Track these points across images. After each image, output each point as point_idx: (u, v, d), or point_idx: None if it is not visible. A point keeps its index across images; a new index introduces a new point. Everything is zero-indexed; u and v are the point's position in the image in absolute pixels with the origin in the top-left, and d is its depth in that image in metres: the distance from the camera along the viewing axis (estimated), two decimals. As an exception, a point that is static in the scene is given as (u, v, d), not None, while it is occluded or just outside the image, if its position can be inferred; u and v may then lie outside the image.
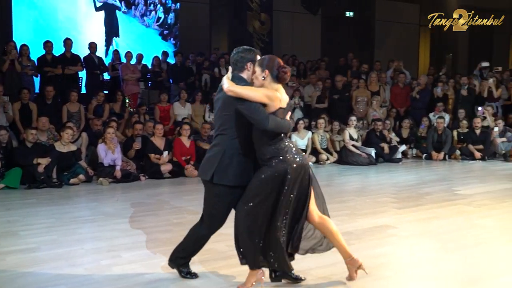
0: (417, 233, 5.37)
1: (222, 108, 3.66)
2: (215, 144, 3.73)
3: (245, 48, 3.73)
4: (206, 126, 9.80)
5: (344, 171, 9.78)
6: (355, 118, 10.97)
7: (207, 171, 3.68)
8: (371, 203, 6.83)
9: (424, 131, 11.92)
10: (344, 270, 3.96)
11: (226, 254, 4.59)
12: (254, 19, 15.03)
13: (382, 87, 12.88)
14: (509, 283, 4.02)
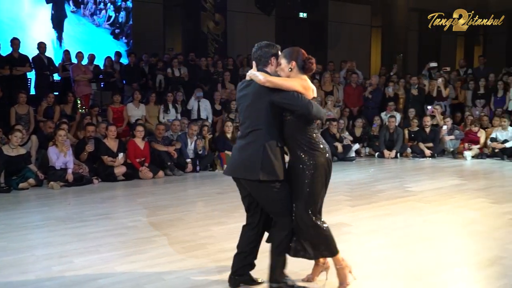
0: (371, 230, 5.47)
1: (253, 103, 3.57)
2: (252, 141, 3.57)
3: (267, 43, 3.72)
4: (160, 127, 9.69)
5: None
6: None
7: (252, 171, 3.53)
8: (325, 202, 6.82)
9: (377, 130, 12.17)
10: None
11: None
12: (208, 19, 14.97)
13: (335, 87, 13.07)
14: (456, 276, 4.14)
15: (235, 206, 6.65)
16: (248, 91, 3.61)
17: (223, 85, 12.40)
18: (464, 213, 6.25)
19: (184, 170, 9.44)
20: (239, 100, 3.74)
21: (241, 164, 3.61)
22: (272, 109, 3.52)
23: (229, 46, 15.43)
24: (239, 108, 3.75)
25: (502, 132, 11.37)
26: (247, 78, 3.66)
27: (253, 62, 3.68)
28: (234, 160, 3.71)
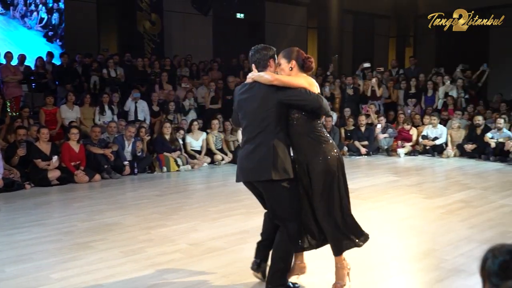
0: (310, 228, 5.54)
1: (260, 105, 3.55)
2: (260, 143, 3.55)
3: (264, 46, 3.73)
4: (96, 129, 9.43)
5: (239, 171, 9.87)
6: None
7: (264, 172, 3.51)
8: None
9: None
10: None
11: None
12: (144, 19, 14.73)
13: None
14: (393, 270, 4.28)
15: (175, 208, 6.59)
16: (252, 94, 3.60)
17: (160, 85, 12.23)
18: (399, 208, 6.47)
19: (122, 173, 9.24)
20: (241, 103, 3.70)
21: (252, 168, 3.59)
22: (279, 109, 3.53)
23: (166, 46, 15.24)
24: (242, 112, 3.70)
25: (432, 130, 11.86)
26: (248, 80, 3.65)
27: (253, 65, 3.69)
28: (245, 165, 3.67)
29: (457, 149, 11.62)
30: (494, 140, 10.86)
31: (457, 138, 11.85)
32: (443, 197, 7.11)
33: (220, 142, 10.95)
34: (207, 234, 5.33)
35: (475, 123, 11.50)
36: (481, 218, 5.89)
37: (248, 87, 3.66)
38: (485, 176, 9.05)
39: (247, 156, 3.62)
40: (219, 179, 9.11)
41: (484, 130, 11.29)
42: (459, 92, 13.62)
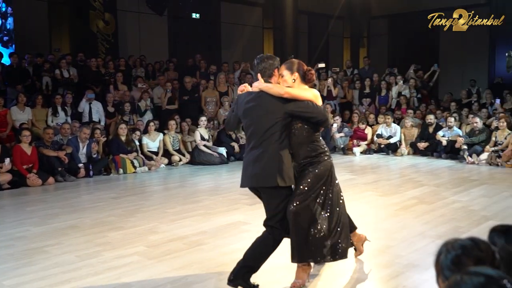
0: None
1: (268, 115, 3.68)
2: (265, 150, 3.68)
3: (269, 55, 3.91)
4: (49, 131, 9.19)
5: (197, 171, 9.85)
6: (205, 118, 11.10)
7: (270, 178, 3.64)
8: (224, 202, 6.96)
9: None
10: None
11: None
12: (98, 18, 14.44)
13: (230, 88, 13.19)
14: (350, 266, 4.35)
15: (132, 210, 6.50)
16: (259, 103, 3.73)
17: (115, 86, 12.03)
18: (355, 206, 6.58)
19: (76, 175, 9.04)
20: (248, 111, 3.79)
21: (259, 174, 3.69)
22: (285, 119, 3.69)
23: (121, 46, 14.99)
24: (248, 119, 3.80)
25: (386, 129, 12.13)
26: (255, 89, 3.77)
27: (258, 75, 3.80)
28: (250, 172, 3.74)
29: (410, 147, 11.93)
30: (445, 138, 11.21)
31: (410, 136, 12.16)
32: (398, 195, 7.29)
33: (178, 143, 10.87)
34: (165, 235, 5.29)
35: (427, 122, 11.83)
36: (434, 214, 6.07)
37: (255, 96, 3.77)
38: (437, 173, 9.32)
39: (254, 163, 3.72)
40: (177, 180, 9.04)
41: (436, 129, 11.63)
42: (412, 91, 13.99)
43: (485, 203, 6.65)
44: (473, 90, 15.04)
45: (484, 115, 11.95)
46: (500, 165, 9.96)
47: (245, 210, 6.44)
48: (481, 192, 7.42)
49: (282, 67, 3.89)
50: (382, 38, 20.59)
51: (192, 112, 11.99)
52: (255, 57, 3.90)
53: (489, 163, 10.13)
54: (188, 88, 12.25)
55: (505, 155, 9.98)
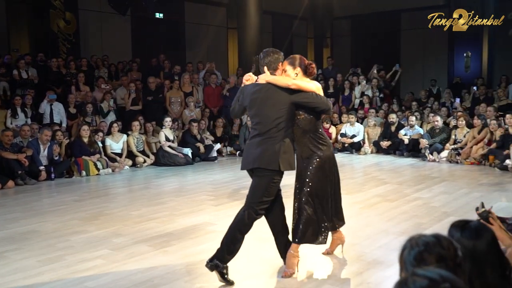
0: (235, 227, 5.57)
1: (275, 105, 3.94)
2: (271, 137, 3.92)
3: (274, 50, 4.15)
4: (8, 133, 8.93)
5: (162, 173, 9.77)
6: (170, 119, 11.01)
7: (273, 162, 3.89)
8: (189, 202, 6.93)
9: (237, 129, 12.47)
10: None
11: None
12: (58, 18, 14.13)
13: (195, 88, 13.14)
14: (317, 264, 4.39)
15: (95, 213, 6.40)
16: (267, 94, 3.98)
17: (77, 87, 11.81)
18: (320, 205, 6.64)
19: (37, 178, 8.83)
20: (254, 102, 4.04)
21: (261, 156, 3.92)
22: (290, 109, 3.97)
23: (83, 46, 14.72)
24: (254, 109, 4.05)
25: (350, 128, 12.29)
26: (261, 81, 4.02)
27: (265, 67, 4.07)
28: (251, 154, 3.98)
29: (373, 146, 12.12)
30: (407, 137, 11.43)
31: (373, 135, 12.36)
32: (362, 193, 7.39)
33: (142, 144, 10.75)
34: (130, 238, 5.22)
35: (390, 121, 12.04)
36: (397, 212, 6.19)
37: (262, 87, 4.01)
38: (399, 171, 9.50)
39: (256, 147, 3.96)
40: (141, 182, 8.95)
41: (398, 128, 11.85)
42: (374, 91, 14.21)
43: (445, 200, 6.81)
44: (433, 89, 15.41)
45: (444, 114, 12.24)
46: (459, 162, 10.22)
47: (211, 210, 6.42)
48: (441, 189, 7.59)
49: (285, 63, 4.13)
50: (345, 39, 20.86)
51: (157, 113, 11.89)
52: (262, 51, 4.16)
53: (449, 160, 10.39)
54: (152, 89, 12.13)
55: (464, 153, 10.25)
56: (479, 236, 2.18)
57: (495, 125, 10.00)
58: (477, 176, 8.79)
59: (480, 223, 2.25)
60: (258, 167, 3.95)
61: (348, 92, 14.17)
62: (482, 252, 2.15)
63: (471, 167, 9.82)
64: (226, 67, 17.98)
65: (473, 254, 2.13)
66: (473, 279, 2.09)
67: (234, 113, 4.41)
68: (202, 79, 13.84)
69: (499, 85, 14.10)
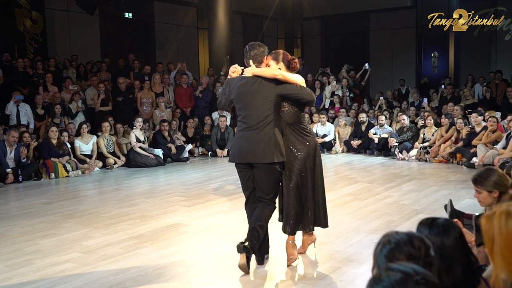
0: (207, 228, 5.56)
1: (261, 97, 4.10)
2: (262, 130, 4.08)
3: (259, 43, 4.30)
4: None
5: (133, 174, 9.67)
6: (141, 119, 10.90)
7: (267, 154, 4.06)
8: (161, 204, 6.88)
9: (208, 130, 12.43)
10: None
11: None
12: (24, 17, 13.84)
13: (165, 88, 13.05)
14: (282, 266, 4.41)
15: (65, 216, 6.30)
16: (254, 87, 4.13)
17: (45, 87, 11.59)
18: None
19: (4, 181, 8.63)
20: (242, 95, 4.16)
21: (256, 151, 4.08)
22: (276, 101, 4.13)
23: (50, 46, 14.45)
24: (241, 103, 4.18)
25: (321, 127, 12.38)
26: (247, 74, 4.15)
27: (250, 61, 4.20)
28: (246, 148, 4.12)
29: (344, 145, 12.24)
30: (377, 136, 11.59)
31: (344, 135, 12.48)
32: (333, 191, 7.45)
33: (112, 145, 10.62)
34: (101, 241, 5.15)
35: (360, 120, 12.19)
36: (368, 210, 6.26)
37: (249, 80, 4.15)
38: (370, 170, 9.62)
39: (248, 141, 4.11)
40: (112, 184, 8.84)
41: (368, 127, 12.00)
42: (344, 91, 14.37)
43: (415, 198, 6.92)
44: (402, 89, 15.65)
45: (412, 113, 12.44)
46: (428, 160, 10.41)
47: (183, 211, 6.38)
48: (411, 187, 7.72)
49: (268, 58, 4.26)
50: (315, 39, 21.02)
51: (127, 114, 11.77)
52: (248, 44, 4.27)
53: (418, 159, 10.57)
54: (122, 89, 12.00)
55: (432, 151, 10.45)
56: (447, 233, 2.22)
57: (461, 123, 10.21)
58: (445, 174, 8.96)
59: (447, 220, 2.29)
60: (257, 162, 4.10)
61: (319, 92, 14.27)
62: (450, 248, 2.19)
63: (440, 165, 10.01)
64: (197, 67, 17.90)
65: (441, 250, 2.17)
66: (442, 274, 2.13)
67: (221, 105, 4.47)
68: (173, 80, 13.76)
69: (465, 85, 14.41)
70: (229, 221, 5.86)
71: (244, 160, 4.16)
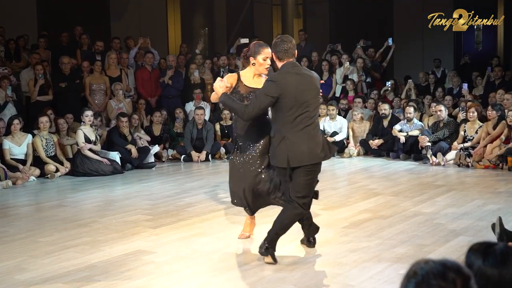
0: (180, 256, 5.55)
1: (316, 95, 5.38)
2: (315, 128, 5.28)
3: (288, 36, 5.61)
4: None
5: (81, 185, 9.64)
6: (91, 113, 10.85)
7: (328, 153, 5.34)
8: (119, 224, 6.86)
9: (181, 126, 12.41)
10: None
11: None
12: None
13: (124, 72, 13.01)
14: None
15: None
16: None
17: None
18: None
19: None
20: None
21: (321, 150, 5.25)
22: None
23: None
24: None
25: (330, 123, 12.40)
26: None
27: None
28: (313, 148, 5.18)
29: (360, 146, 12.26)
30: (403, 134, 11.60)
31: (360, 132, 12.51)
32: (346, 207, 7.46)
33: (53, 147, 10.57)
34: (39, 273, 5.14)
35: (381, 113, 12.20)
36: (392, 231, 6.27)
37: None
38: (394, 179, 9.64)
39: (312, 140, 5.13)
40: (53, 198, 8.81)
41: (392, 122, 12.01)
42: (360, 74, 14.34)
43: (453, 215, 6.95)
44: (437, 72, 15.64)
45: (449, 103, 12.46)
46: (470, 166, 10.45)
47: (147, 235, 6.37)
48: (448, 201, 7.75)
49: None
50: (322, 6, 20.97)
51: (73, 105, 11.72)
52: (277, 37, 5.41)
53: (458, 163, 10.60)
54: (66, 72, 11.97)
55: (476, 154, 10.46)
56: (507, 263, 2.17)
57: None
58: (492, 183, 9.01)
59: (507, 247, 2.24)
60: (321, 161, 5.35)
61: (327, 76, 14.29)
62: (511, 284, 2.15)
63: (485, 171, 10.07)
64: (165, 44, 17.85)
65: (499, 286, 2.14)
66: None
67: (253, 113, 5.27)
68: (134, 60, 13.73)
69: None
70: (209, 246, 5.86)
71: (316, 160, 5.21)
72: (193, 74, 13.33)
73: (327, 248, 5.72)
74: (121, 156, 10.86)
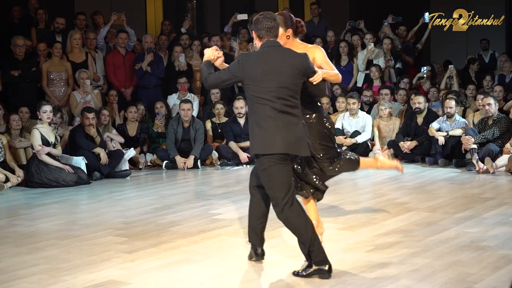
0: (159, 288, 5.57)
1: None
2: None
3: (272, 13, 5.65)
4: None
5: (38, 198, 9.64)
6: (50, 108, 10.85)
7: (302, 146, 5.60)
8: (85, 249, 6.86)
9: (162, 125, 12.40)
10: None
11: None
12: None
13: (90, 56, 13.00)
14: None
15: None
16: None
17: None
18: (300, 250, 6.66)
19: None
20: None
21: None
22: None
23: None
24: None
25: (350, 120, 12.40)
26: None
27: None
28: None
29: (389, 149, 12.24)
30: (443, 134, 11.58)
31: (388, 131, 12.51)
32: (371, 227, 7.45)
33: (2, 151, 10.58)
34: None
35: (415, 108, 12.18)
36: (428, 256, 6.27)
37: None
38: (431, 190, 9.64)
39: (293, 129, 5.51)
40: (2, 215, 8.82)
41: (428, 118, 12.00)
42: (388, 58, 14.30)
43: (505, 235, 6.94)
44: (485, 56, 15.60)
45: (498, 95, 12.42)
46: (527, 174, 10.46)
47: (120, 261, 6.37)
48: (499, 218, 7.74)
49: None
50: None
51: (27, 98, 11.73)
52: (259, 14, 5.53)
53: (511, 171, 10.58)
54: (19, 57, 11.98)
55: (535, 159, 10.47)
56: None
57: None
58: (555, 195, 9.02)
59: None
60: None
61: (347, 61, 14.29)
62: None
63: (546, 181, 10.08)
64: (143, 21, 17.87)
65: None
66: None
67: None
68: (104, 41, 13.72)
69: None
70: (198, 275, 5.86)
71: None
72: (178, 59, 13.30)
73: (348, 277, 5.71)
74: (87, 162, 10.86)
